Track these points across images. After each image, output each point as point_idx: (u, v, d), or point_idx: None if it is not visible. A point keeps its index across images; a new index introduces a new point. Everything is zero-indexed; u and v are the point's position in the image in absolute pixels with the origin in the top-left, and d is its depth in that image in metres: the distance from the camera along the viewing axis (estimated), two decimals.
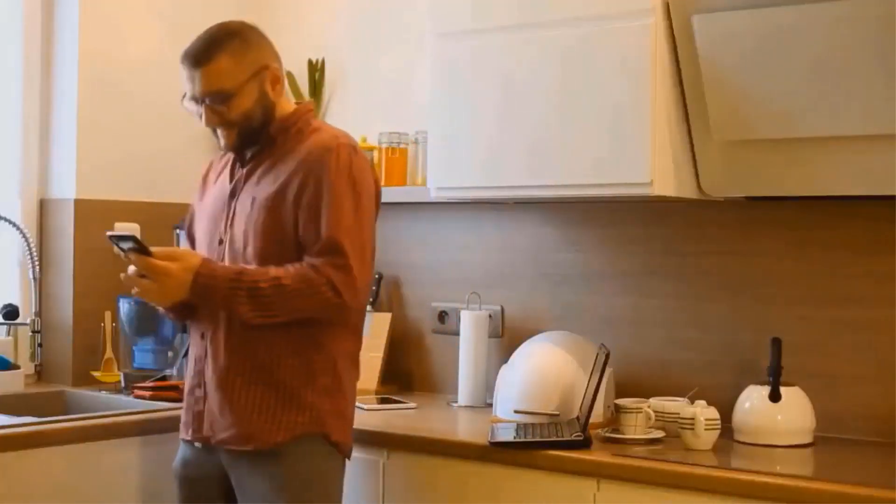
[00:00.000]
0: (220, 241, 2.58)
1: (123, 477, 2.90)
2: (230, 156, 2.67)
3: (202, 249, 2.63)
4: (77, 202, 3.53)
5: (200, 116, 2.53)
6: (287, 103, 2.64)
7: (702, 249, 3.07)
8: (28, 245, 3.45)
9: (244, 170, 2.61)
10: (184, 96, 2.55)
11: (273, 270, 2.45)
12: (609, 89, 2.80)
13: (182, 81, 2.53)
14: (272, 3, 3.89)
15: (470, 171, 3.07)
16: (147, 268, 2.42)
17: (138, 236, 2.46)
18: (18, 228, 3.46)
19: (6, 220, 3.44)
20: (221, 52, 2.49)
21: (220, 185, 2.66)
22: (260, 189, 2.54)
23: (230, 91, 2.49)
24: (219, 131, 2.55)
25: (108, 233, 2.49)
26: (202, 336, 2.58)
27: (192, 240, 2.76)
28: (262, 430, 2.49)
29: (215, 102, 2.49)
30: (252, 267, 2.48)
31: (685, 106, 2.80)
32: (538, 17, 2.93)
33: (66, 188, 3.57)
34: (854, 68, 2.53)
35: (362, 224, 2.50)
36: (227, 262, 2.54)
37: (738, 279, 3.02)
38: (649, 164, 2.75)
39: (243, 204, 2.56)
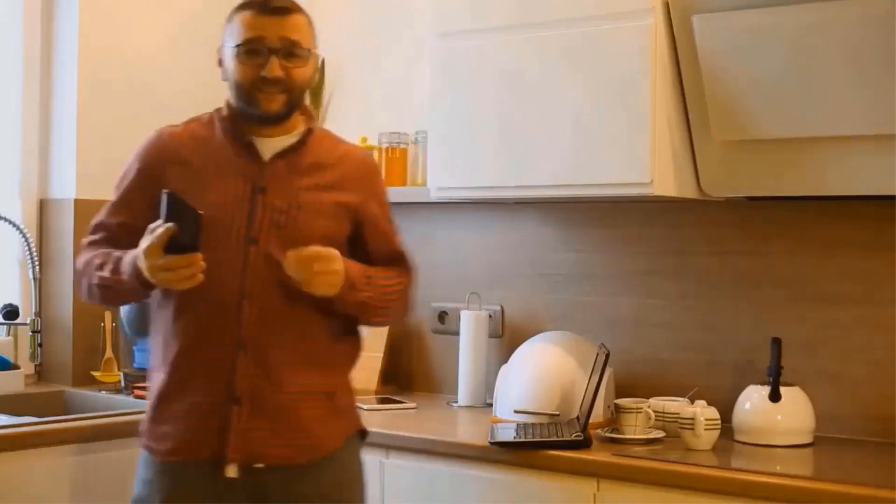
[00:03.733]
0: (253, 241, 2.31)
1: (123, 477, 2.90)
2: (212, 141, 2.40)
3: (209, 246, 2.27)
4: (77, 202, 3.53)
5: (255, 72, 2.31)
6: None
7: (702, 249, 3.07)
8: (28, 245, 3.45)
9: (274, 165, 2.37)
10: (238, 46, 2.32)
11: (384, 271, 2.44)
12: (609, 89, 2.80)
13: (237, 31, 2.33)
14: None
15: (470, 171, 3.07)
16: (316, 256, 2.27)
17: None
18: (18, 228, 3.46)
19: (6, 220, 3.44)
20: (299, 11, 2.39)
21: (226, 175, 2.37)
22: (304, 188, 2.36)
23: (308, 49, 2.37)
24: (264, 94, 2.33)
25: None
26: (238, 343, 2.31)
27: (128, 230, 2.37)
28: (322, 438, 2.37)
29: (287, 56, 2.33)
30: (364, 265, 2.40)
31: (685, 106, 2.80)
32: (538, 17, 2.93)
33: (66, 188, 3.57)
34: (854, 68, 2.53)
35: None
36: (258, 265, 2.31)
37: (738, 279, 3.02)
38: (649, 164, 2.75)
39: (283, 202, 2.34)
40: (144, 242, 2.21)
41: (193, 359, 2.34)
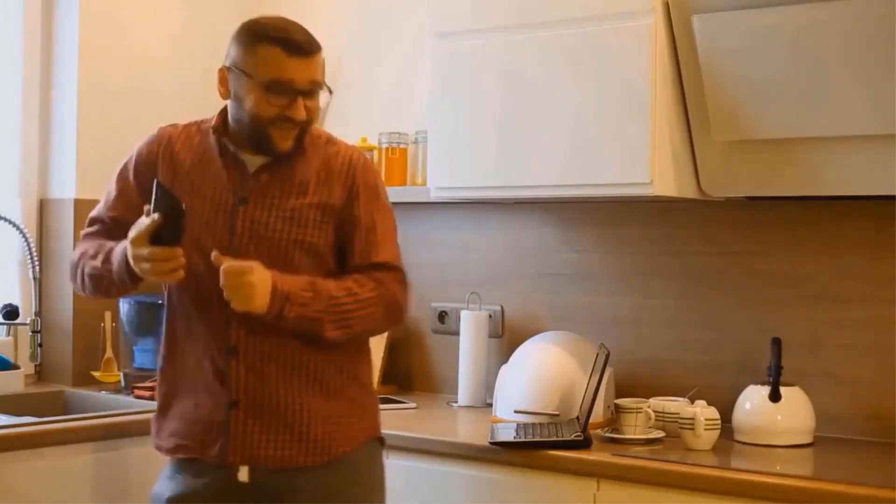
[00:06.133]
0: (235, 251, 2.31)
1: (123, 476, 2.90)
2: (204, 148, 2.40)
3: (196, 255, 2.32)
4: (77, 202, 3.53)
5: (278, 111, 2.29)
6: None
7: (702, 249, 3.07)
8: (28, 245, 3.45)
9: (258, 176, 2.36)
10: (267, 84, 2.28)
11: (341, 283, 2.34)
12: (609, 89, 2.80)
13: (264, 67, 2.28)
14: (273, 3, 3.89)
15: (470, 171, 3.07)
16: (229, 270, 2.23)
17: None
18: (18, 228, 3.46)
19: (6, 220, 3.44)
20: (318, 47, 2.34)
21: (212, 185, 2.38)
22: (286, 198, 2.35)
23: (322, 88, 2.35)
24: (278, 130, 2.31)
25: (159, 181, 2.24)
26: (229, 350, 2.33)
27: (123, 225, 2.35)
28: (326, 441, 2.36)
29: (310, 96, 2.32)
30: (313, 278, 2.33)
31: (685, 106, 2.80)
32: (538, 17, 2.93)
33: (66, 188, 3.57)
34: (854, 68, 2.53)
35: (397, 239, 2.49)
36: None
37: (738, 279, 3.02)
38: (649, 164, 2.75)
39: (264, 212, 2.34)
40: (132, 231, 2.25)
41: (191, 363, 2.38)
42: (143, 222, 2.22)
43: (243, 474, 2.34)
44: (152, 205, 2.22)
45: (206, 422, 2.36)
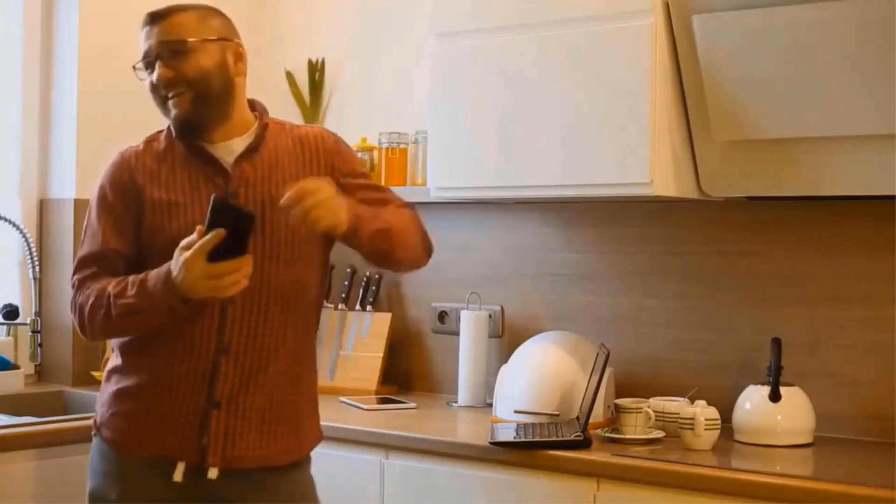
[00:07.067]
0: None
1: None
2: (175, 154, 2.39)
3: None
4: (77, 202, 3.53)
5: (152, 83, 2.32)
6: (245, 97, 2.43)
7: (702, 249, 3.07)
8: (28, 245, 3.45)
9: (239, 167, 2.34)
10: (136, 65, 2.35)
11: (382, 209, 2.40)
12: (609, 89, 2.80)
13: (138, 48, 2.34)
14: (273, 3, 3.89)
15: (469, 171, 3.07)
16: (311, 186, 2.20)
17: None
18: (18, 228, 3.46)
19: (6, 220, 3.44)
20: (184, 11, 2.33)
21: (196, 185, 2.35)
22: (274, 188, 2.31)
23: (189, 44, 2.29)
24: (170, 100, 2.32)
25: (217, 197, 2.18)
26: (220, 349, 2.30)
27: (123, 258, 2.35)
28: (301, 443, 2.40)
29: (171, 56, 2.29)
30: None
31: (685, 106, 2.80)
32: (538, 17, 2.93)
33: (66, 188, 3.57)
34: (854, 68, 2.54)
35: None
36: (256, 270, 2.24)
37: (738, 279, 3.02)
38: (649, 164, 2.75)
39: (257, 204, 2.30)
40: (185, 254, 2.16)
41: (174, 365, 2.31)
42: (203, 240, 2.14)
43: (213, 472, 2.30)
44: (208, 221, 2.14)
45: (183, 424, 2.30)
